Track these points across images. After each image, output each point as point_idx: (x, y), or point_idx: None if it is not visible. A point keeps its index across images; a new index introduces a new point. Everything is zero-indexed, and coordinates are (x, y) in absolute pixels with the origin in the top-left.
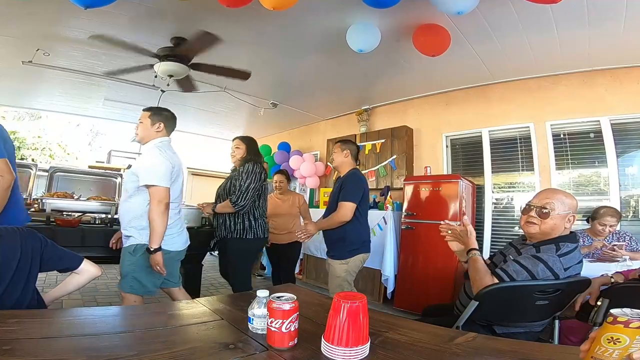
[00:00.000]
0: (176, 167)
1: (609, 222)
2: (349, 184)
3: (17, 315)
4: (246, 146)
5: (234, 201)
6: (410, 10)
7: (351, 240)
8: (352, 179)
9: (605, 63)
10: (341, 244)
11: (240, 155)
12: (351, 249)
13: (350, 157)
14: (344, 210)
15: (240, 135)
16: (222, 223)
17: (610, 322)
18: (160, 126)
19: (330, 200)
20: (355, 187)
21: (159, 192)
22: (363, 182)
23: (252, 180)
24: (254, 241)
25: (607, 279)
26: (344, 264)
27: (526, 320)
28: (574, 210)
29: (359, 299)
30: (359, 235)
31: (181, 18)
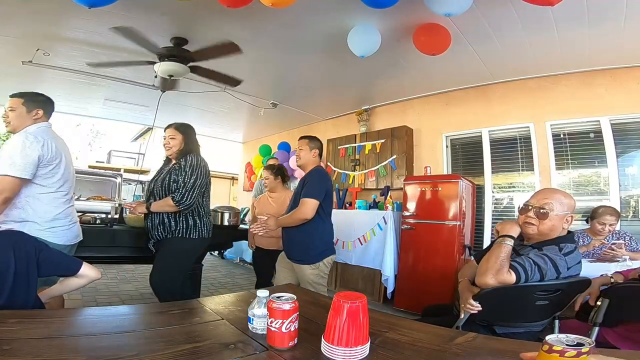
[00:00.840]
0: (54, 154)
1: (608, 221)
2: (312, 180)
3: (17, 315)
4: (183, 136)
5: (178, 200)
6: (410, 10)
7: (317, 244)
8: (316, 176)
9: (605, 63)
10: (308, 248)
11: (177, 147)
12: (319, 252)
13: (317, 157)
14: (305, 207)
15: (175, 123)
16: (160, 223)
17: (546, 350)
18: (38, 113)
19: (293, 200)
20: (318, 184)
21: (4, 181)
22: (327, 179)
23: (198, 176)
24: (198, 241)
25: (606, 279)
26: (314, 269)
27: (526, 320)
28: (572, 210)
29: (359, 299)
30: (325, 236)
31: (181, 18)
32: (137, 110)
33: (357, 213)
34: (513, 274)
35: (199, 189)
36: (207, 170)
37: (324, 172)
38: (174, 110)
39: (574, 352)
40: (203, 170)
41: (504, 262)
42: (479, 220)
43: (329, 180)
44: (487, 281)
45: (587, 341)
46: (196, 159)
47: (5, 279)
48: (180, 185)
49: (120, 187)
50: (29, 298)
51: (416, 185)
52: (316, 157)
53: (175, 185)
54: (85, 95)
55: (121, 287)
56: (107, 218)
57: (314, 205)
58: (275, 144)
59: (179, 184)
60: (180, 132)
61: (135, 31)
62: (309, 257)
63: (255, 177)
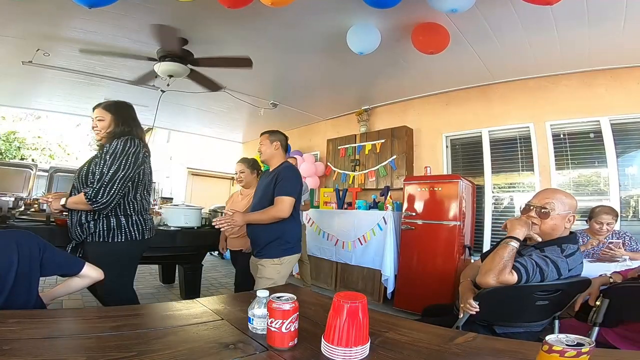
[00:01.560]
0: None
1: (605, 220)
2: (287, 177)
3: (17, 315)
4: (113, 116)
5: (91, 196)
6: (410, 10)
7: (287, 239)
8: (290, 173)
9: (605, 63)
10: (272, 242)
11: (105, 130)
12: (286, 248)
13: (280, 149)
14: (282, 205)
15: (104, 102)
16: (79, 223)
17: (546, 350)
18: None
19: (259, 195)
20: (293, 181)
21: None
22: (300, 176)
23: (121, 166)
24: (126, 245)
25: (606, 279)
26: (276, 264)
27: (526, 320)
28: (573, 210)
29: (359, 299)
30: (294, 233)
31: (181, 18)
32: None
33: (357, 213)
34: (515, 275)
35: (121, 182)
36: (138, 157)
37: (296, 169)
38: (174, 110)
39: (573, 352)
40: (131, 159)
41: (507, 263)
42: (479, 220)
43: (300, 177)
44: (489, 281)
45: (587, 341)
46: (123, 144)
47: (6, 279)
48: (96, 178)
49: None
50: (30, 298)
51: (416, 186)
52: (279, 149)
53: (92, 177)
54: (85, 95)
55: None
56: None
57: (290, 203)
58: None
59: (96, 177)
60: (109, 111)
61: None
62: (275, 251)
63: None
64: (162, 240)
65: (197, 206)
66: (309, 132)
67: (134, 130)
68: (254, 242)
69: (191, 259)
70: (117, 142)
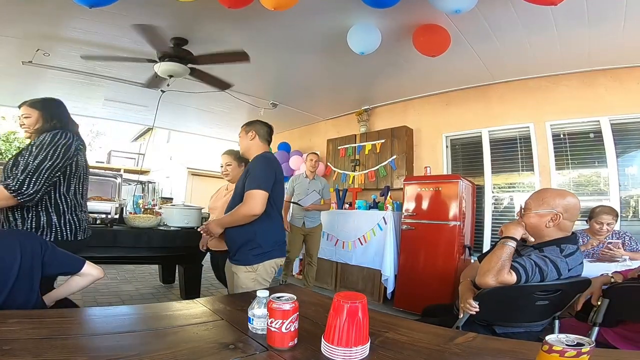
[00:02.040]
0: None
1: (605, 220)
2: (256, 168)
3: (17, 315)
4: (40, 112)
5: (15, 188)
6: (410, 10)
7: (260, 243)
8: (260, 162)
9: (605, 63)
10: (247, 247)
11: (33, 127)
12: (260, 253)
13: (258, 139)
14: (252, 200)
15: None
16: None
17: (546, 350)
18: None
19: (234, 194)
20: (264, 171)
21: None
22: (274, 165)
23: (48, 156)
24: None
25: (607, 279)
26: (250, 271)
27: (526, 320)
28: (563, 209)
29: (359, 299)
30: (270, 235)
31: (181, 18)
32: (137, 110)
33: (357, 213)
34: (514, 275)
35: (48, 172)
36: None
37: (270, 158)
38: (174, 110)
39: (573, 352)
40: (60, 150)
41: (505, 263)
42: (479, 220)
43: (277, 166)
44: (488, 281)
45: (587, 341)
46: (52, 136)
47: (8, 276)
48: (20, 169)
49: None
50: (31, 297)
51: (416, 186)
52: (255, 139)
53: (15, 169)
54: (85, 95)
55: (121, 287)
56: (107, 218)
57: (262, 197)
58: (275, 144)
59: (19, 168)
60: (36, 108)
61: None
62: (246, 257)
63: None
64: (162, 240)
65: (197, 206)
66: (309, 132)
67: (65, 125)
68: (228, 245)
69: (191, 259)
70: (45, 134)
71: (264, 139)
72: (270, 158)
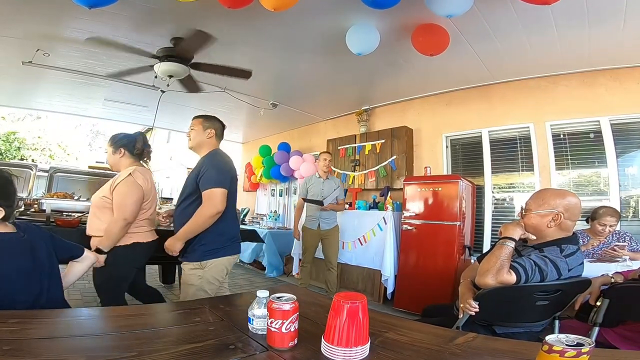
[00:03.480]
0: None
1: (608, 222)
2: (211, 165)
3: (17, 315)
4: None
5: None
6: (409, 10)
7: (210, 238)
8: (217, 160)
9: (606, 63)
10: (198, 243)
11: None
12: (209, 250)
13: (214, 139)
14: (213, 199)
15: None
16: None
17: (546, 350)
18: None
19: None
20: (220, 169)
21: None
22: (229, 162)
23: None
24: None
25: (607, 279)
26: (197, 268)
27: (526, 321)
28: (564, 209)
29: (359, 299)
30: (222, 231)
31: (181, 18)
32: (137, 111)
33: (357, 213)
34: (513, 274)
35: None
36: None
37: (225, 155)
38: (173, 111)
39: (573, 352)
40: None
41: (505, 263)
42: (479, 220)
43: (232, 164)
44: (487, 281)
45: (587, 341)
46: None
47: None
48: None
49: None
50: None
51: (416, 186)
52: (212, 138)
53: None
54: (85, 95)
55: None
56: None
57: (222, 194)
58: (275, 144)
59: None
60: None
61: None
62: (195, 253)
63: (255, 177)
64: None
65: None
66: (309, 132)
67: None
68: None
69: None
70: None
71: (220, 137)
72: (225, 155)
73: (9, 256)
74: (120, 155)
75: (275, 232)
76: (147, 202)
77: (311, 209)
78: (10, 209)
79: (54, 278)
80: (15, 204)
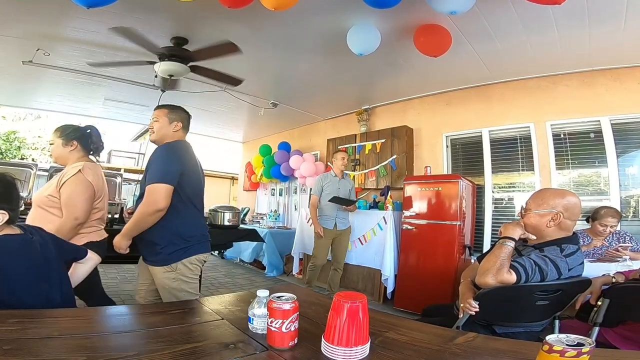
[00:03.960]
0: None
1: (609, 223)
2: (159, 159)
3: (17, 315)
4: None
5: None
6: (410, 10)
7: (171, 239)
8: (162, 152)
9: (606, 63)
10: (157, 245)
11: None
12: (174, 250)
13: (181, 132)
14: (152, 195)
15: None
16: None
17: (546, 350)
18: None
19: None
20: (165, 163)
21: None
22: (181, 154)
23: None
24: None
25: (608, 279)
26: (169, 271)
27: (526, 320)
28: (563, 209)
29: (359, 299)
30: (178, 231)
31: (181, 18)
32: (137, 110)
33: (357, 213)
34: (513, 274)
35: None
36: None
37: (175, 146)
38: None
39: (574, 352)
40: None
41: (504, 262)
42: (479, 220)
43: (187, 154)
44: (487, 281)
45: (587, 341)
46: None
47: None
48: None
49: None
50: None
51: (416, 185)
52: (179, 131)
53: None
54: (85, 95)
55: (121, 287)
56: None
57: (164, 191)
58: (275, 144)
59: None
60: None
61: (134, 31)
62: (160, 257)
63: (255, 176)
64: None
65: None
66: (309, 132)
67: None
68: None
69: None
70: None
71: (186, 129)
72: (174, 147)
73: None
74: (72, 148)
75: (276, 231)
76: (100, 201)
77: (328, 207)
78: (14, 212)
79: (63, 278)
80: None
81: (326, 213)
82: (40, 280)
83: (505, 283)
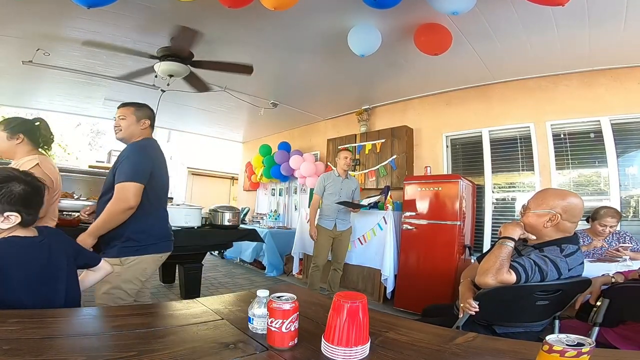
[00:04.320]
0: None
1: (609, 223)
2: (129, 157)
3: (17, 315)
4: None
5: None
6: (410, 10)
7: (129, 235)
8: (133, 152)
9: (606, 63)
10: (117, 240)
11: None
12: (128, 246)
13: (149, 129)
14: (123, 193)
15: None
16: None
17: (546, 350)
18: None
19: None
20: (136, 162)
21: None
22: (151, 153)
23: None
24: None
25: (608, 279)
26: (116, 265)
27: (526, 320)
28: (562, 210)
29: (359, 298)
30: (144, 228)
31: (181, 18)
32: None
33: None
34: (513, 274)
35: None
36: None
37: (146, 145)
38: (174, 111)
39: (574, 352)
40: None
41: (504, 262)
42: (479, 220)
43: (155, 155)
44: (487, 281)
45: (587, 341)
46: None
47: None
48: None
49: None
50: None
51: (416, 185)
52: (147, 128)
53: None
54: (85, 95)
55: None
56: None
57: (135, 190)
58: (275, 144)
59: None
60: None
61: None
62: (111, 249)
63: (255, 176)
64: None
65: (197, 206)
66: (309, 132)
67: None
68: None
69: (191, 258)
70: None
71: (152, 127)
72: (145, 146)
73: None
74: (18, 141)
75: (276, 231)
76: (56, 194)
77: (328, 207)
78: (31, 217)
79: (71, 283)
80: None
81: (327, 213)
82: (42, 283)
83: (505, 283)
